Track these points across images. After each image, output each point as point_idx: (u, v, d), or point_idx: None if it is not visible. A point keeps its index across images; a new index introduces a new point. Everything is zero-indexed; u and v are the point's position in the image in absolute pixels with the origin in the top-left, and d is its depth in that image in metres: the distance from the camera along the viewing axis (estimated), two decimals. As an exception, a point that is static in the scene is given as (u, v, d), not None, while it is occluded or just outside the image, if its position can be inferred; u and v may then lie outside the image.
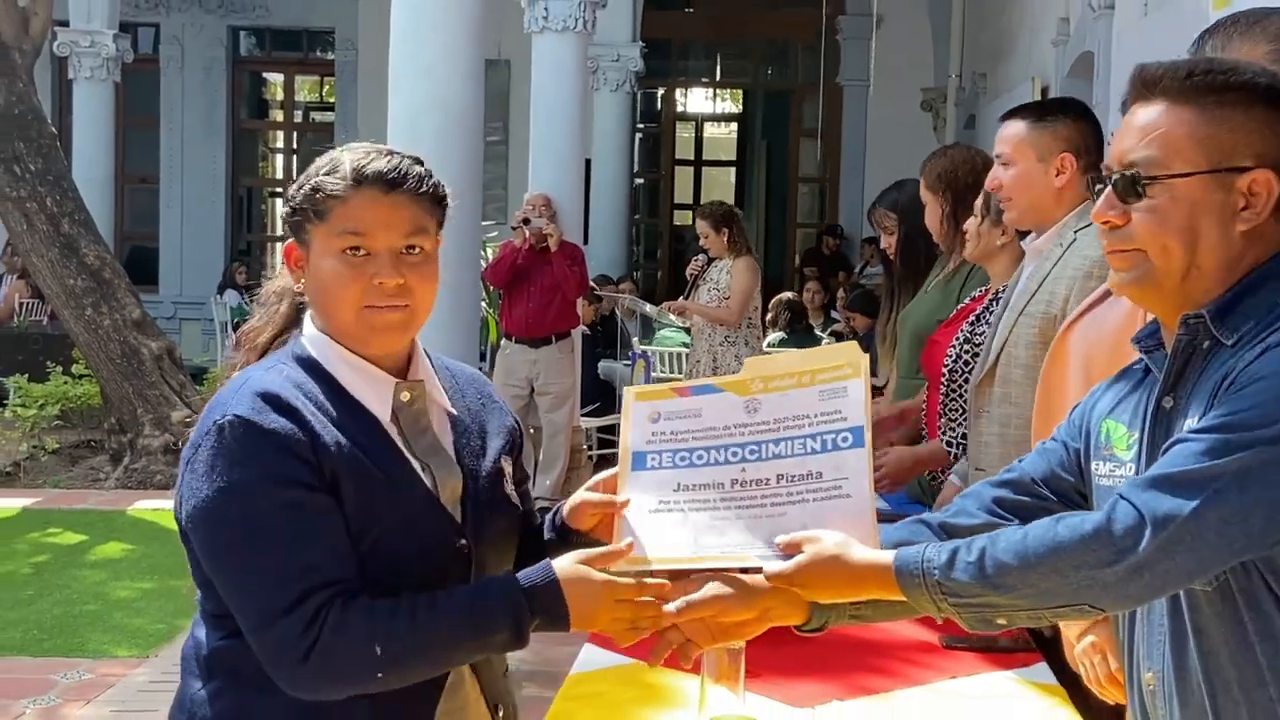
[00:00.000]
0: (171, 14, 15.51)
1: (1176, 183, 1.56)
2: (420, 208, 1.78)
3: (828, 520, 1.70)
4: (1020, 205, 3.02)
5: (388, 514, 1.74)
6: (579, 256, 8.29)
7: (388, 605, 1.68)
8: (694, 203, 17.78)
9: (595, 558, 1.76)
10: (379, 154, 1.80)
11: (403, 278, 1.75)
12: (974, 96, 13.30)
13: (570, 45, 8.77)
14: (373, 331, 1.77)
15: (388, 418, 1.80)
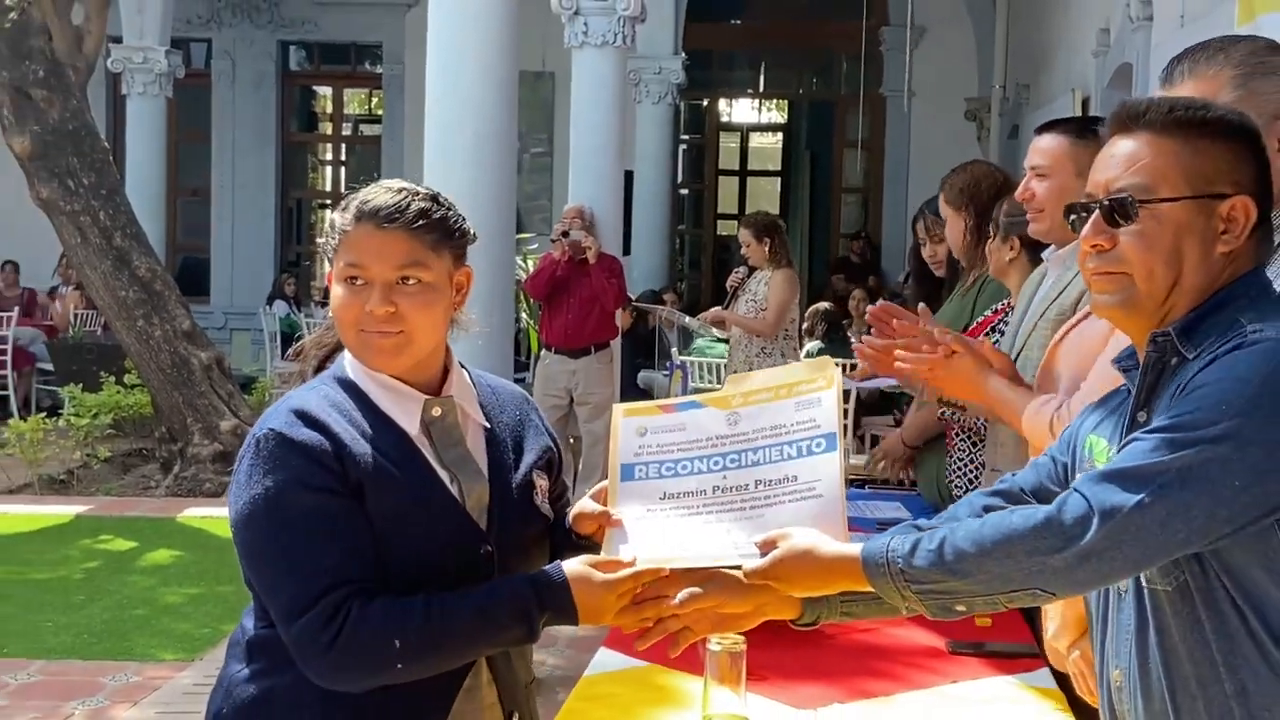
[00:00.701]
0: (223, 29, 15.77)
1: (1163, 207, 1.66)
2: (418, 242, 1.90)
3: (801, 519, 1.81)
4: (1053, 217, 3.01)
5: (411, 519, 1.88)
6: (617, 268, 8.38)
7: (407, 601, 1.82)
8: (738, 213, 17.85)
9: (600, 564, 1.88)
10: (386, 191, 1.94)
11: (393, 306, 1.89)
12: (1017, 106, 13.31)
13: (610, 60, 8.89)
14: (367, 352, 1.93)
15: (415, 431, 1.93)
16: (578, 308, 8.19)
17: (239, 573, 1.94)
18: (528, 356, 9.98)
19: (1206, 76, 2.06)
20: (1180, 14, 7.27)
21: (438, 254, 1.92)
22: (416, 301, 1.90)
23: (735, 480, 1.90)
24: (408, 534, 1.88)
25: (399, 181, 1.99)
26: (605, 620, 1.90)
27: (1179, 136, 1.67)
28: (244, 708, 1.91)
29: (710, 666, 2.16)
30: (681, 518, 1.90)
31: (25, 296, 13.50)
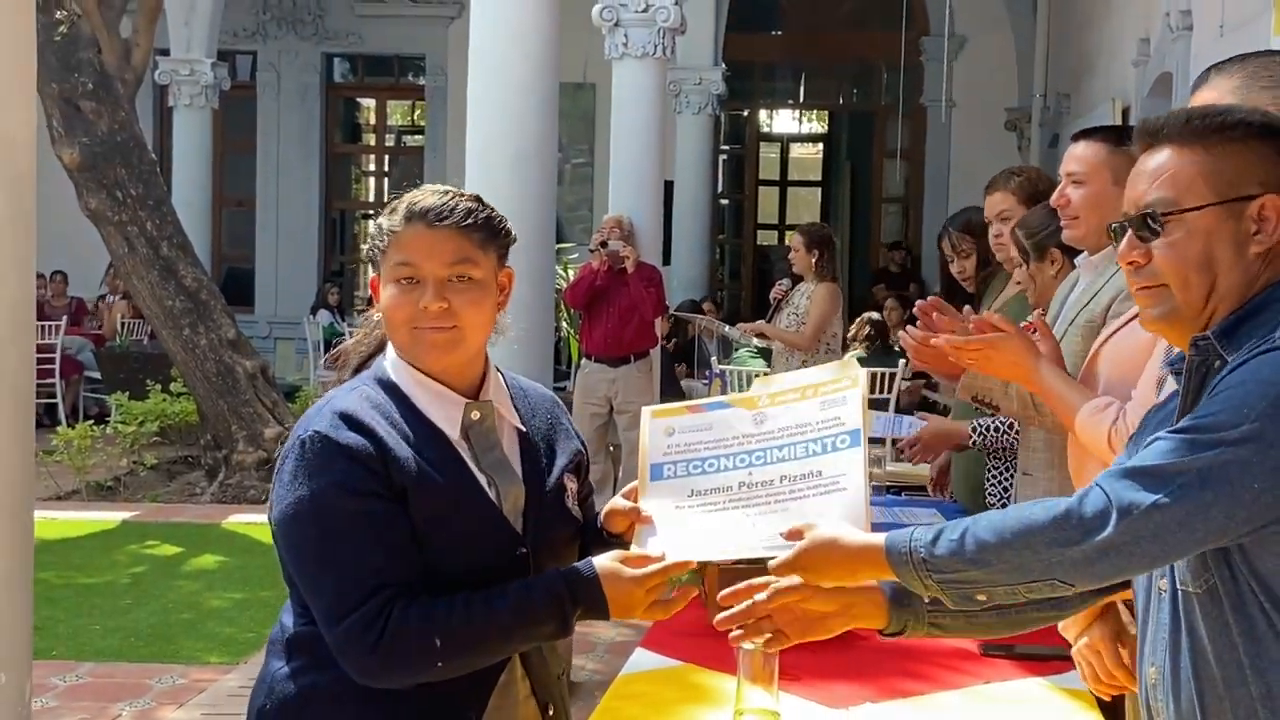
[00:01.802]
0: (268, 42, 15.95)
1: (1190, 216, 1.67)
2: (467, 240, 1.96)
3: (826, 512, 1.85)
4: (1089, 224, 3.03)
5: (451, 523, 1.92)
6: (656, 278, 8.43)
7: (446, 601, 1.87)
8: (779, 223, 17.90)
9: (631, 559, 1.93)
10: (434, 193, 2.00)
11: (446, 302, 1.93)
12: (1058, 116, 13.28)
13: (650, 71, 8.95)
14: (421, 348, 1.97)
15: (457, 435, 1.98)
16: (617, 317, 8.24)
17: (281, 576, 1.99)
18: (568, 365, 10.04)
19: (1216, 85, 2.14)
20: (1220, 23, 7.26)
21: (485, 252, 1.98)
22: (467, 298, 1.95)
23: (761, 476, 1.95)
24: (448, 536, 1.92)
25: (441, 185, 2.05)
26: (635, 615, 1.95)
27: (1199, 144, 1.69)
28: (286, 704, 1.95)
29: (743, 665, 2.20)
30: (709, 513, 1.95)
31: (73, 305, 13.70)
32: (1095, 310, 2.99)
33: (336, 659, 1.88)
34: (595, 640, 6.16)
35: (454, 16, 15.36)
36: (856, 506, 1.86)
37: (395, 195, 2.05)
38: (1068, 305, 3.15)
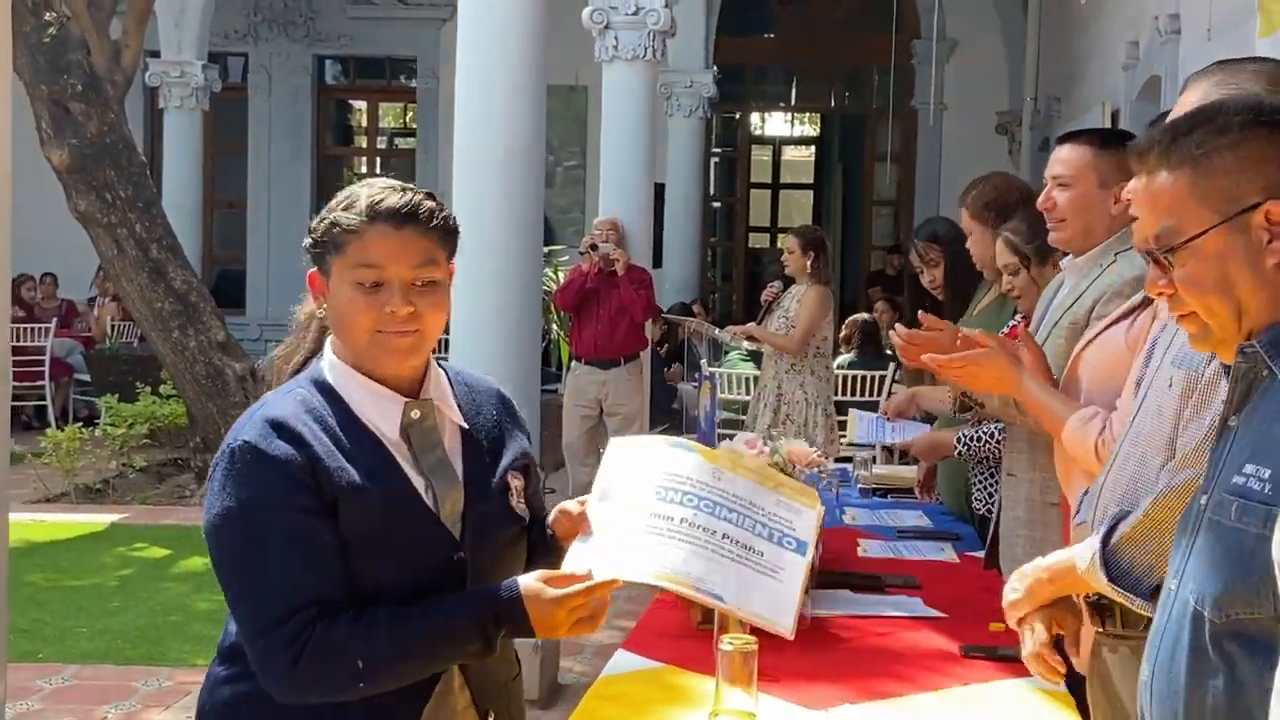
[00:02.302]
0: (259, 44, 15.93)
1: (1197, 243, 1.61)
2: (430, 240, 1.92)
3: (759, 588, 1.90)
4: (1074, 227, 3.04)
5: (383, 531, 1.89)
6: (646, 280, 8.44)
7: (369, 620, 1.83)
8: (770, 226, 17.91)
9: (555, 579, 1.89)
10: (393, 190, 1.94)
11: (413, 306, 1.89)
12: (1048, 119, 13.29)
13: (640, 74, 8.95)
14: (384, 353, 1.92)
15: (395, 436, 1.93)
16: (607, 319, 8.25)
17: None
18: (558, 368, 10.04)
19: (1194, 91, 2.16)
20: (1208, 27, 7.27)
21: (444, 252, 1.94)
22: (431, 301, 1.91)
23: (706, 523, 1.96)
24: (381, 545, 1.88)
25: (389, 180, 1.99)
26: (560, 634, 1.91)
27: (1188, 163, 1.62)
28: (220, 708, 1.94)
29: (722, 666, 2.21)
30: (650, 535, 1.94)
31: (63, 308, 13.67)
32: (1079, 312, 3.00)
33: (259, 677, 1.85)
34: (583, 643, 6.16)
35: (445, 19, 15.34)
36: (788, 603, 1.90)
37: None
38: (1052, 308, 3.16)
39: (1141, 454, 2.11)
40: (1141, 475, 2.08)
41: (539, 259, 5.48)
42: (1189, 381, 2.01)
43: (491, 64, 5.20)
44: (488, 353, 5.23)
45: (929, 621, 2.94)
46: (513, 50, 5.20)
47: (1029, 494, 3.18)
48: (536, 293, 5.50)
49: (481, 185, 5.21)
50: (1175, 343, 2.09)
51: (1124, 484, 2.12)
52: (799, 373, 7.51)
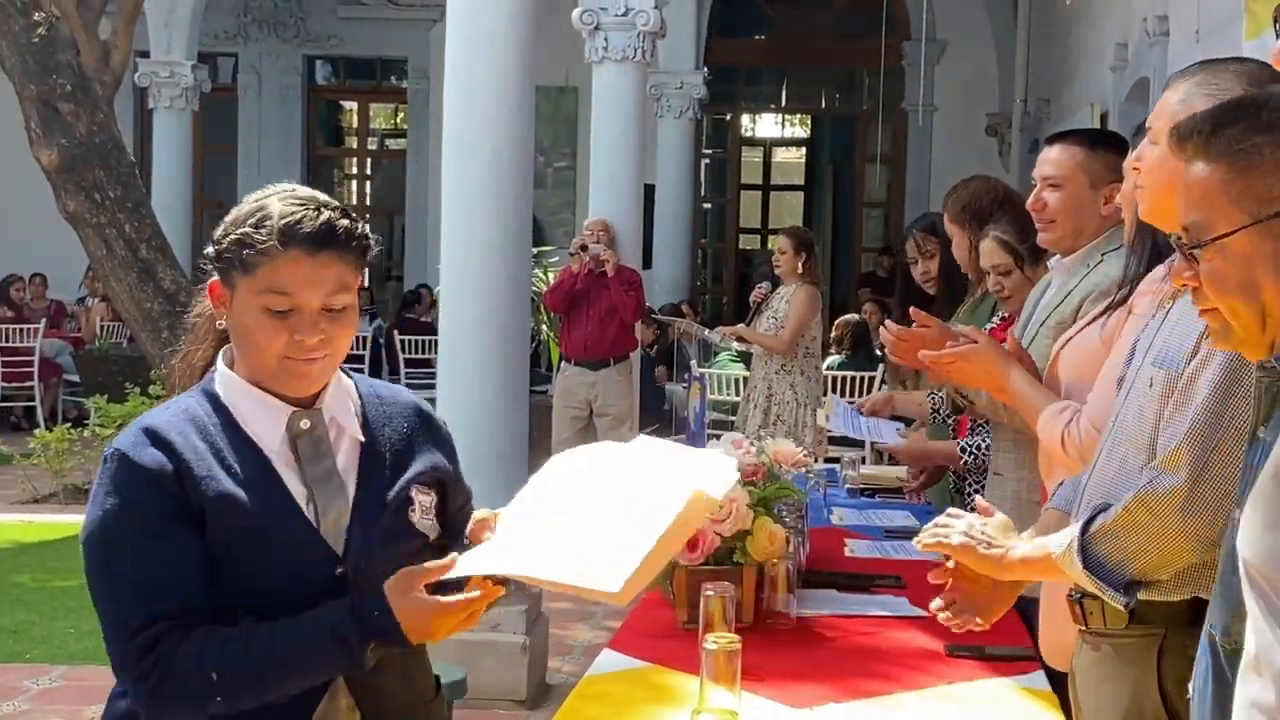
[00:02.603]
0: (249, 44, 15.92)
1: (1226, 242, 1.55)
2: (344, 264, 1.86)
3: (592, 557, 1.75)
4: (1065, 228, 3.04)
5: (256, 543, 1.84)
6: (636, 281, 8.45)
7: (226, 633, 1.79)
8: (761, 227, 17.93)
9: (420, 575, 1.82)
10: (306, 208, 1.85)
11: (324, 333, 1.84)
12: (1038, 121, 13.33)
13: (630, 75, 8.96)
14: (293, 378, 1.87)
15: (277, 446, 1.88)
16: (596, 320, 8.26)
17: None
18: (548, 369, 10.04)
19: (1174, 90, 2.18)
20: (1196, 29, 7.30)
21: (356, 273, 1.89)
22: (341, 324, 1.86)
23: (567, 504, 1.86)
24: (252, 559, 1.84)
25: (299, 190, 1.90)
26: (436, 638, 1.85)
27: (1225, 157, 1.55)
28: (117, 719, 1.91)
29: (706, 665, 2.21)
30: (552, 537, 1.83)
31: (52, 308, 13.65)
32: (1066, 312, 3.01)
33: None
34: (571, 643, 6.17)
35: (436, 19, 15.31)
36: (624, 562, 1.73)
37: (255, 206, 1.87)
38: (1040, 307, 3.16)
39: (1124, 454, 2.12)
40: (1123, 474, 2.10)
41: (528, 260, 5.48)
42: (1169, 382, 2.02)
43: (480, 64, 5.20)
44: (476, 353, 5.23)
45: (914, 621, 2.95)
46: (501, 51, 5.19)
47: (1015, 492, 3.20)
48: (526, 293, 5.49)
49: (470, 186, 5.21)
50: (1156, 343, 2.11)
51: (1106, 483, 2.13)
52: (789, 373, 7.53)
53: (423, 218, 15.69)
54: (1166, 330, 2.10)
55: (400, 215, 16.55)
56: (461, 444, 5.82)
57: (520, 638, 5.22)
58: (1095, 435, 2.46)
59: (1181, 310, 2.07)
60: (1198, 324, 1.99)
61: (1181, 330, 2.05)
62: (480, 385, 5.24)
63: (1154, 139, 2.19)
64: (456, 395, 5.29)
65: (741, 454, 3.05)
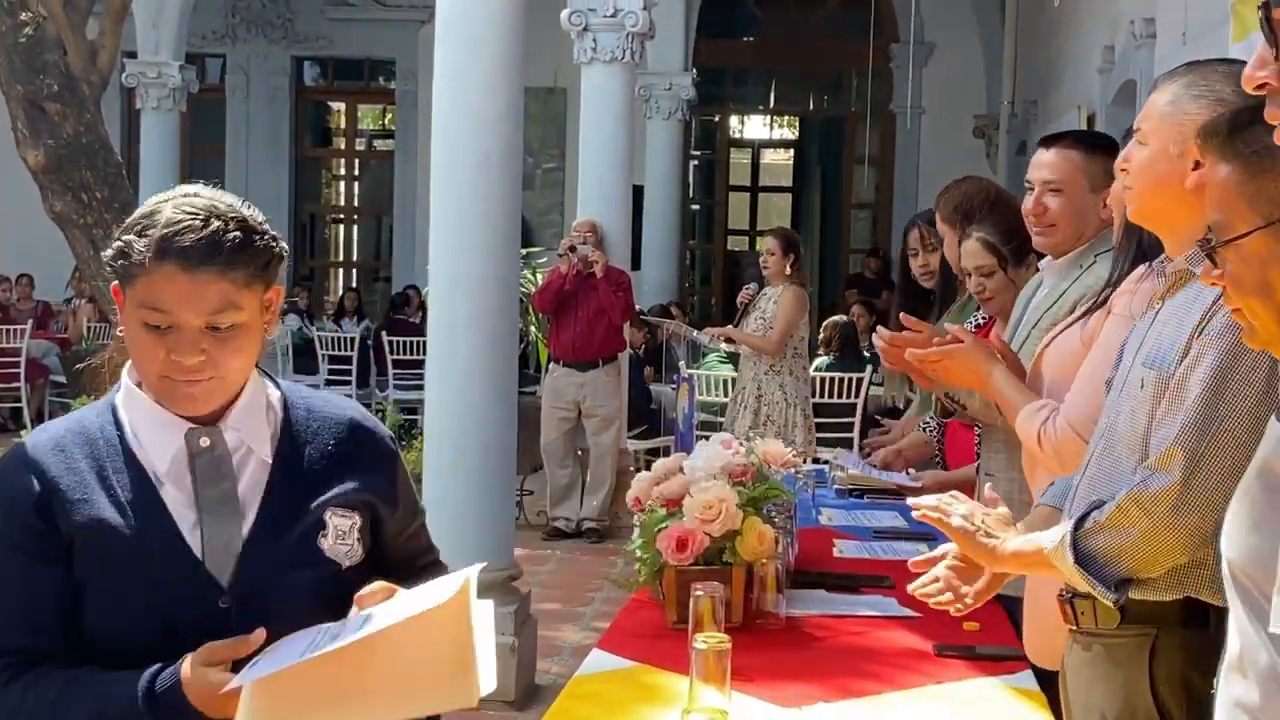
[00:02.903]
0: (237, 45, 15.89)
1: (1241, 243, 1.54)
2: (230, 282, 1.70)
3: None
4: (1065, 232, 3.01)
5: (129, 572, 1.73)
6: (624, 282, 8.46)
7: (45, 686, 1.69)
8: (750, 228, 17.94)
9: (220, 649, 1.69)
10: (194, 218, 1.70)
11: (203, 354, 1.70)
12: (1025, 123, 13.36)
13: (618, 76, 8.97)
14: (174, 400, 1.75)
15: (166, 466, 1.76)
16: (585, 321, 8.28)
17: None
18: (536, 369, 10.04)
19: (1162, 87, 2.17)
20: (1183, 31, 7.33)
21: (251, 289, 1.73)
22: (229, 346, 1.72)
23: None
24: (124, 590, 1.72)
25: (202, 195, 1.75)
26: (226, 714, 1.65)
27: (1240, 157, 1.56)
28: None
29: (696, 665, 2.22)
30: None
31: (39, 309, 13.61)
32: (1059, 313, 3.00)
33: None
34: (560, 644, 6.17)
35: (424, 20, 15.30)
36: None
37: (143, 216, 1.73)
38: (1032, 308, 3.16)
39: (1118, 454, 2.13)
40: (1117, 474, 2.10)
41: (517, 260, 5.49)
42: (1160, 382, 2.03)
43: (469, 65, 5.20)
44: (465, 354, 5.23)
45: (903, 621, 2.95)
46: (490, 52, 5.19)
47: (1006, 493, 3.18)
48: (514, 295, 5.50)
49: (459, 187, 5.21)
50: (1146, 344, 2.12)
51: (1100, 483, 2.14)
52: (778, 374, 7.55)
53: (411, 219, 15.68)
54: (1156, 331, 2.11)
55: (388, 216, 16.53)
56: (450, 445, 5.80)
57: (509, 639, 5.22)
58: (1071, 433, 2.48)
59: (1171, 310, 2.09)
60: (1187, 324, 2.01)
61: (1171, 330, 2.06)
62: (469, 386, 5.24)
63: (1142, 139, 2.19)
64: (445, 396, 5.29)
65: (731, 454, 3.05)
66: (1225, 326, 1.93)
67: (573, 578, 7.53)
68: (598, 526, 8.49)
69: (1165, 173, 2.12)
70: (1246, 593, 1.46)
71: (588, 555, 8.13)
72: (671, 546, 2.79)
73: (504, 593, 5.35)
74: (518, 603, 5.35)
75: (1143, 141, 2.18)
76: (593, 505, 8.51)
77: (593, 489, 8.56)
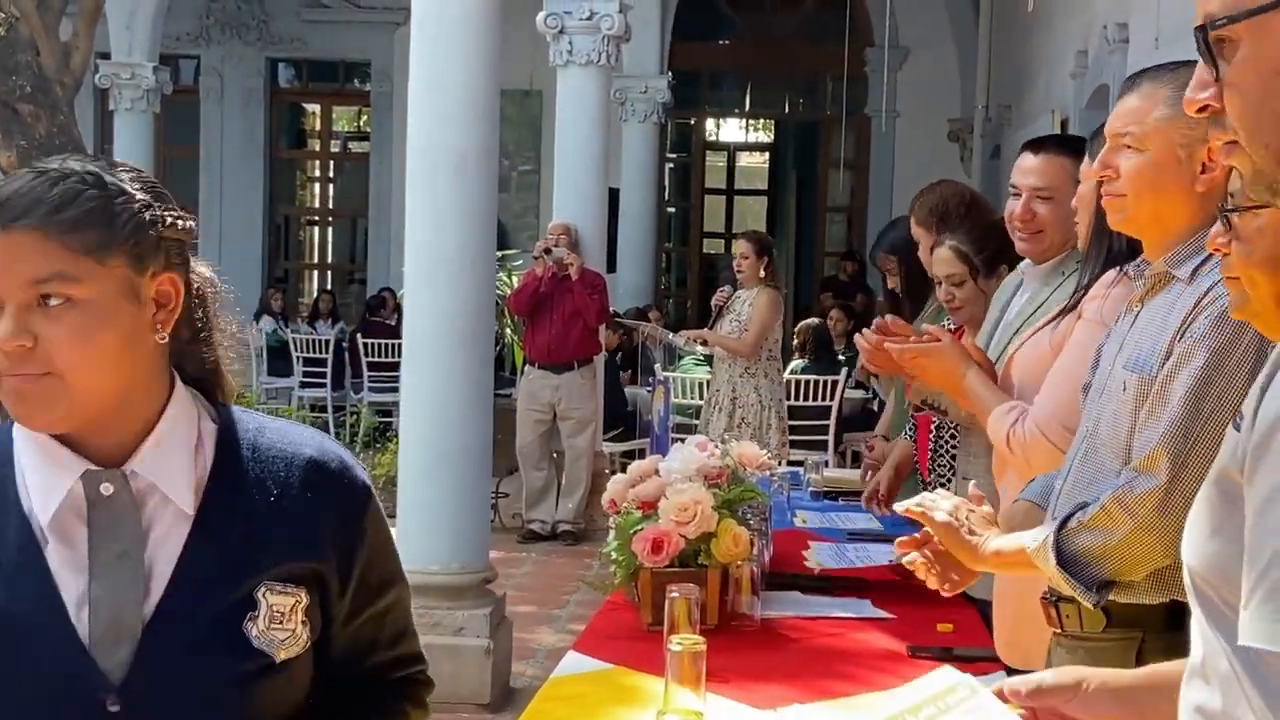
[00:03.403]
0: (211, 46, 15.83)
1: (1263, 212, 1.46)
2: (64, 246, 1.33)
3: None
4: (1052, 239, 2.99)
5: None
6: (600, 284, 8.47)
7: None
8: (725, 231, 17.96)
9: None
10: (42, 178, 1.37)
11: (29, 338, 1.33)
12: (999, 127, 13.41)
13: (594, 79, 8.97)
14: (9, 406, 1.36)
15: (48, 520, 1.38)
16: (560, 323, 8.28)
17: None
18: (512, 371, 10.05)
19: (1147, 93, 2.11)
20: (1155, 36, 7.37)
21: (102, 260, 1.35)
22: (65, 330, 1.33)
23: None
24: None
25: (73, 160, 1.41)
26: None
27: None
28: None
29: (671, 666, 2.22)
30: None
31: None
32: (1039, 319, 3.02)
33: None
34: (536, 647, 6.17)
35: (400, 22, 15.28)
36: None
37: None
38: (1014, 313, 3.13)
39: (1101, 458, 2.14)
40: (1100, 477, 2.12)
41: (493, 263, 5.48)
42: (1142, 385, 2.04)
43: (445, 67, 5.20)
44: (442, 358, 5.23)
45: (877, 623, 2.97)
46: (466, 54, 5.19)
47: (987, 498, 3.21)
48: (491, 297, 5.50)
49: (435, 189, 5.21)
50: (1127, 347, 2.13)
51: (1084, 485, 2.15)
52: (752, 376, 7.57)
53: (386, 221, 15.64)
54: (1137, 334, 2.11)
55: (363, 218, 16.49)
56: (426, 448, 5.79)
57: (484, 641, 5.22)
58: (1039, 436, 2.49)
59: (1151, 314, 2.10)
60: (1168, 327, 2.02)
61: (1152, 334, 2.07)
62: (445, 388, 5.23)
63: (1137, 145, 2.12)
64: (421, 399, 5.29)
65: (706, 456, 3.06)
66: (1208, 329, 1.95)
67: (548, 580, 7.54)
68: (573, 529, 8.49)
69: (1171, 177, 2.09)
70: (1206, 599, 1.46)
71: (563, 558, 8.13)
72: (647, 549, 2.80)
73: (479, 595, 5.35)
74: (493, 605, 5.35)
75: (1137, 147, 2.11)
76: (568, 508, 8.51)
77: (568, 491, 8.56)
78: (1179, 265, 2.08)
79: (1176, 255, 2.08)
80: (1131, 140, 2.12)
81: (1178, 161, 2.07)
